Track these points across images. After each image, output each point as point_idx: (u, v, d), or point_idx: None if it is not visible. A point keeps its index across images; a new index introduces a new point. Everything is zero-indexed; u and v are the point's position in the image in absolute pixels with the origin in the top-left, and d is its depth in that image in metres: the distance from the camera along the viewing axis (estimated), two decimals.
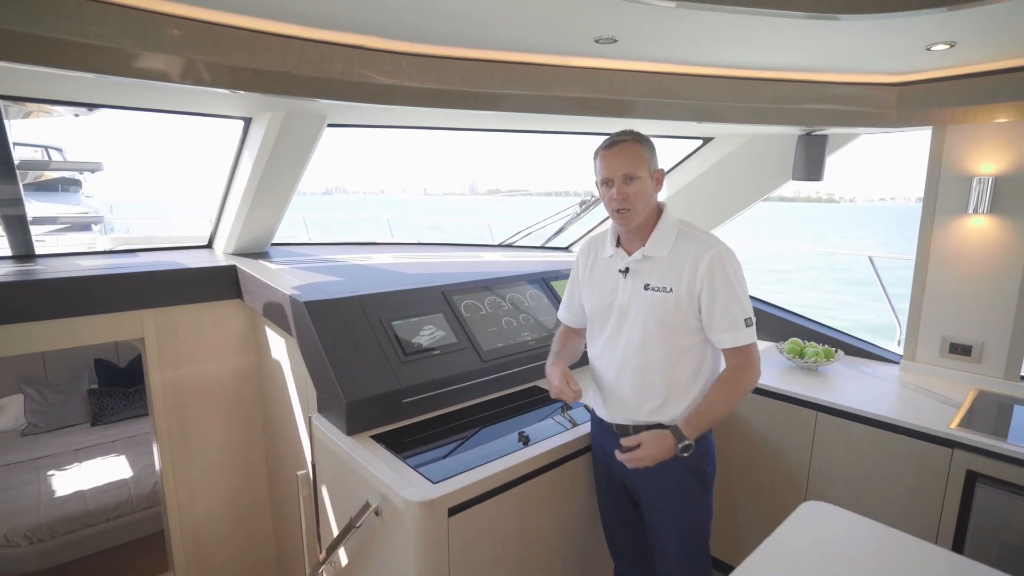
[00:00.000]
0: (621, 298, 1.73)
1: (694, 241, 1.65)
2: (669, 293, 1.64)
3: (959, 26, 1.76)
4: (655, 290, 1.66)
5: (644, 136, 1.66)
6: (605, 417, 1.82)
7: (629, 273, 1.71)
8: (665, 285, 1.65)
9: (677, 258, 1.65)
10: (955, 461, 1.99)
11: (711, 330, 1.64)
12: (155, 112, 2.32)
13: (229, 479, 2.88)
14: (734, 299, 1.60)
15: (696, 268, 1.61)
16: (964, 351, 2.49)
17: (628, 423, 1.74)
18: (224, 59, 1.72)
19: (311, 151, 2.48)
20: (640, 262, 1.70)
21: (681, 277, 1.63)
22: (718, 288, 1.60)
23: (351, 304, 2.14)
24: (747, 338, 1.63)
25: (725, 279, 1.60)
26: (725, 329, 1.62)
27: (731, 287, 1.60)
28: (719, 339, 1.64)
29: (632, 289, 1.71)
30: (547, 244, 3.91)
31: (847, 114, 2.41)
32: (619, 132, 1.68)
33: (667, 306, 1.64)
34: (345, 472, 1.89)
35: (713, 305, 1.61)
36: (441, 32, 1.82)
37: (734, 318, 1.61)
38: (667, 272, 1.65)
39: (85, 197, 11.77)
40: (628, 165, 1.62)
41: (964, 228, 2.43)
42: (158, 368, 2.58)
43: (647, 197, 1.65)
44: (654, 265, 1.68)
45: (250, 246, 2.99)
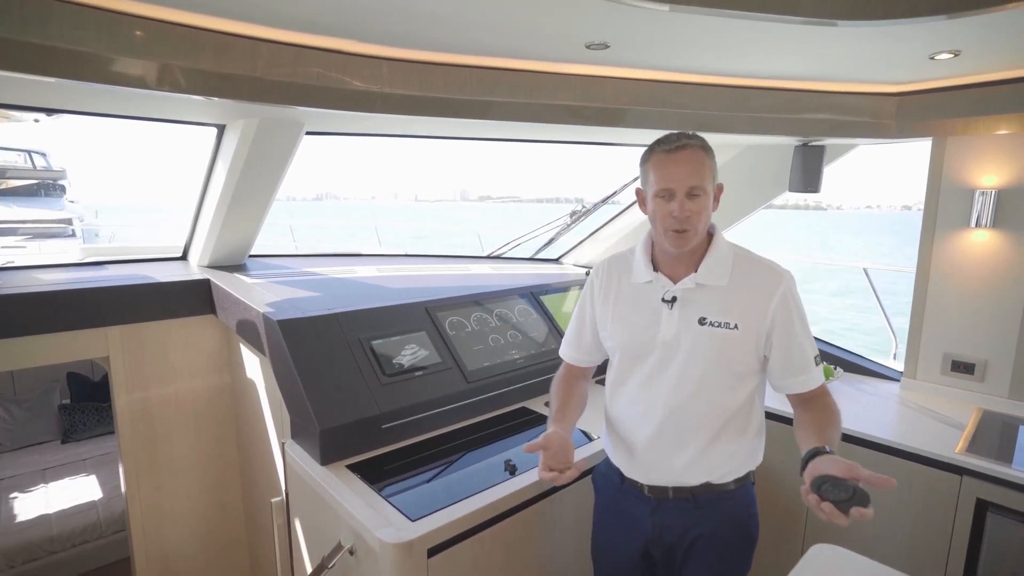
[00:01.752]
0: (665, 333, 1.43)
1: (758, 268, 1.43)
2: (734, 330, 1.38)
3: (964, 35, 1.68)
4: (715, 325, 1.40)
5: (706, 142, 1.42)
6: (637, 477, 1.52)
7: (677, 303, 1.44)
8: (728, 320, 1.39)
9: (740, 288, 1.41)
10: (964, 489, 1.90)
11: (783, 373, 1.41)
12: (120, 119, 2.19)
13: (200, 504, 2.73)
14: (806, 336, 1.42)
15: (768, 301, 1.38)
16: (967, 369, 2.40)
17: (668, 484, 1.47)
18: (191, 63, 1.60)
19: (288, 160, 2.37)
20: (692, 291, 1.43)
21: (748, 311, 1.39)
22: (795, 325, 1.39)
23: (328, 322, 2.02)
24: (820, 377, 1.44)
25: (800, 314, 1.41)
26: (799, 370, 1.41)
27: (802, 322, 1.41)
28: (790, 383, 1.42)
29: (682, 323, 1.42)
30: (537, 255, 3.81)
31: (846, 124, 2.33)
32: (678, 133, 1.41)
33: (731, 345, 1.39)
34: (319, 505, 1.76)
35: (790, 345, 1.39)
36: (424, 37, 1.72)
37: (806, 357, 1.41)
38: (730, 304, 1.40)
39: (69, 203, 11.52)
40: (696, 176, 1.35)
41: (966, 242, 2.35)
42: (124, 389, 2.44)
43: (708, 216, 1.41)
44: (710, 295, 1.42)
45: (226, 258, 2.85)
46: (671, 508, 1.48)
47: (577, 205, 3.44)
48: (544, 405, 2.31)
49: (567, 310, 2.77)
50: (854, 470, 1.16)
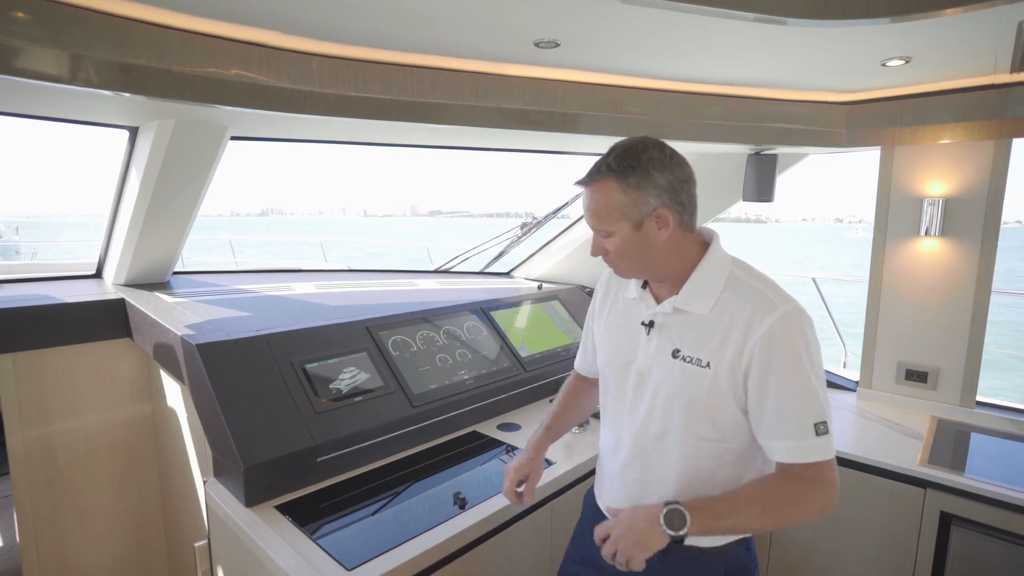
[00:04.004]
0: (642, 361, 1.24)
1: (750, 295, 1.13)
2: (705, 368, 1.14)
3: (915, 41, 1.67)
4: (687, 360, 1.16)
5: (639, 160, 1.12)
6: (605, 510, 1.34)
7: (654, 329, 1.23)
8: (700, 356, 1.15)
9: (723, 317, 1.14)
10: (928, 502, 1.86)
11: (760, 432, 1.13)
12: (13, 117, 1.94)
13: (117, 553, 2.43)
14: (799, 390, 1.07)
15: (747, 336, 1.10)
16: (920, 377, 2.40)
17: None
18: (86, 50, 1.39)
19: (212, 166, 2.15)
20: (670, 316, 1.21)
21: (724, 347, 1.12)
22: (774, 371, 1.08)
23: (256, 345, 1.82)
24: (815, 452, 1.08)
25: (787, 358, 1.07)
26: (783, 434, 1.09)
27: (795, 371, 1.07)
28: (770, 447, 1.12)
29: (656, 352, 1.22)
30: (487, 269, 3.67)
31: (797, 133, 2.31)
32: (599, 160, 1.17)
33: (701, 387, 1.14)
34: (243, 553, 1.54)
35: (764, 396, 1.10)
36: (358, 31, 1.57)
37: (798, 418, 1.08)
38: (707, 337, 1.15)
39: None
40: (596, 217, 1.17)
41: (916, 251, 2.36)
42: (19, 427, 2.14)
43: (642, 251, 1.16)
44: (689, 324, 1.18)
45: (145, 276, 2.58)
46: None
47: (528, 218, 3.33)
48: (496, 428, 2.16)
49: (519, 326, 2.63)
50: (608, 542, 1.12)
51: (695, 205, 1.19)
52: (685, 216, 1.17)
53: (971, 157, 2.19)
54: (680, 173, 1.15)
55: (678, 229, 1.16)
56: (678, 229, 1.16)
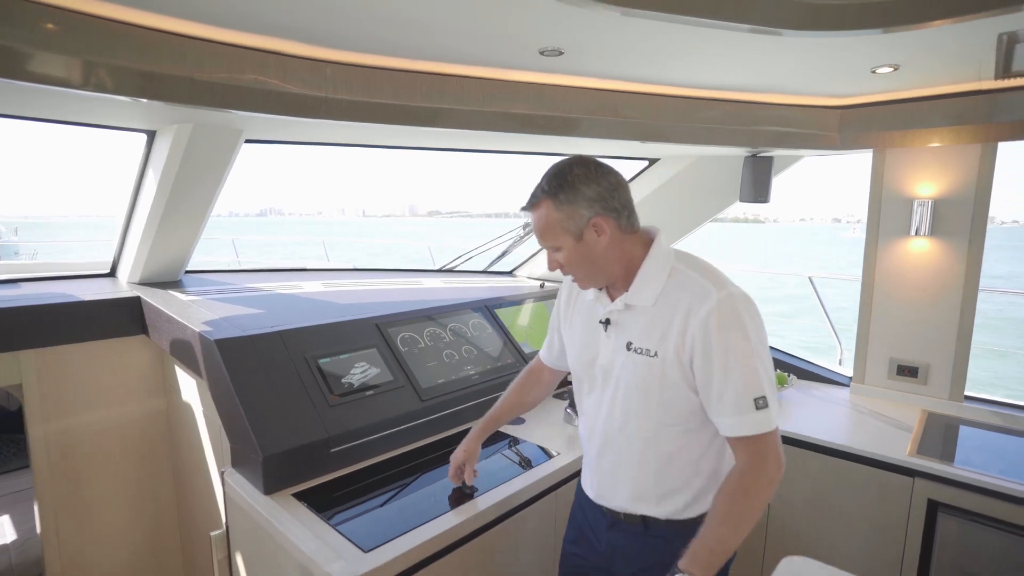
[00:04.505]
0: (603, 357, 1.35)
1: (689, 285, 1.22)
2: (654, 357, 1.24)
3: (903, 49, 1.75)
4: (638, 352, 1.27)
5: (566, 178, 1.23)
6: (590, 494, 1.46)
7: (611, 326, 1.33)
8: (649, 346, 1.25)
9: (666, 308, 1.23)
10: (916, 490, 1.94)
11: (709, 410, 1.23)
12: (37, 121, 2.01)
13: (133, 544, 2.50)
14: (738, 368, 1.17)
15: (688, 322, 1.19)
16: (911, 372, 2.48)
17: (618, 510, 1.39)
18: (111, 59, 1.47)
19: (226, 169, 2.22)
20: (623, 313, 1.30)
21: (668, 336, 1.22)
22: (714, 353, 1.17)
23: (270, 341, 1.89)
24: (756, 426, 1.17)
25: (724, 340, 1.16)
26: (726, 411, 1.19)
27: (733, 352, 1.16)
28: (718, 423, 1.22)
29: (614, 347, 1.32)
30: (490, 268, 3.74)
31: (792, 136, 2.39)
32: (537, 186, 1.29)
33: (652, 375, 1.25)
34: (262, 538, 1.62)
35: (710, 376, 1.19)
36: (371, 39, 1.64)
37: (738, 397, 1.17)
38: (653, 327, 1.25)
39: None
40: (542, 236, 1.29)
41: (907, 250, 2.44)
42: (40, 419, 2.21)
43: (589, 259, 1.27)
44: (638, 317, 1.28)
45: (159, 274, 2.66)
46: (623, 530, 1.40)
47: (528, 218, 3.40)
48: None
49: (522, 323, 2.71)
50: None
51: (631, 209, 1.29)
52: (622, 220, 1.26)
53: (959, 160, 2.27)
54: (607, 183, 1.25)
55: (618, 233, 1.26)
56: (618, 233, 1.26)
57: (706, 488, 1.32)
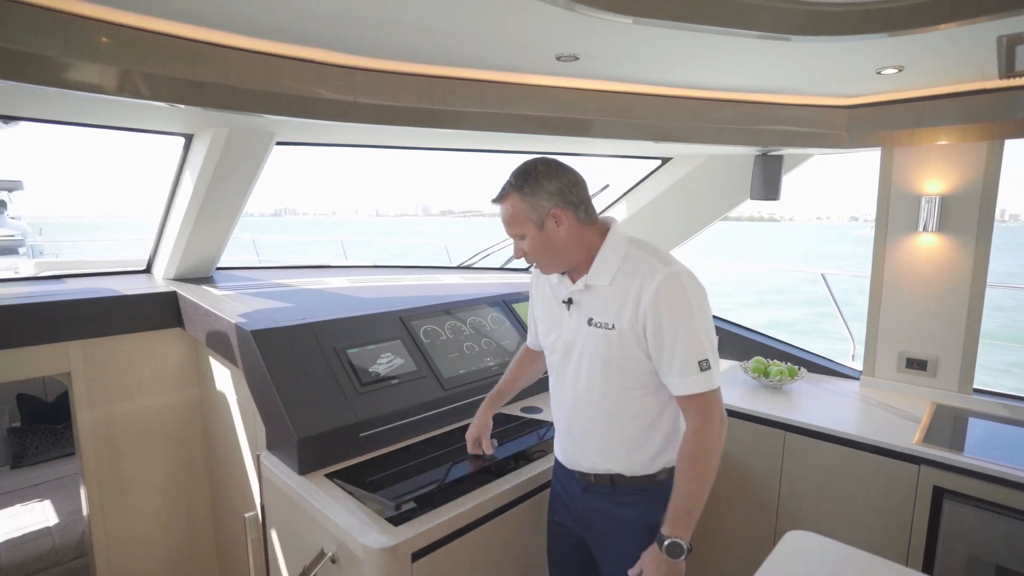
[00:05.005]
0: (567, 334, 1.51)
1: (640, 266, 1.39)
2: (611, 330, 1.40)
3: (907, 51, 1.81)
4: (598, 326, 1.43)
5: (530, 174, 1.41)
6: (563, 460, 1.62)
7: (573, 305, 1.50)
8: (607, 320, 1.41)
9: (620, 287, 1.40)
10: (922, 477, 2.00)
11: (661, 373, 1.39)
12: (86, 127, 2.15)
13: (169, 524, 2.64)
14: (683, 335, 1.33)
15: (640, 298, 1.36)
16: (920, 366, 2.53)
17: (588, 471, 1.54)
18: (160, 70, 1.59)
19: (258, 170, 2.35)
20: (583, 292, 1.47)
21: (623, 310, 1.38)
22: (664, 321, 1.33)
23: (302, 332, 2.01)
24: (700, 385, 1.34)
25: (672, 310, 1.33)
26: (675, 372, 1.35)
27: (679, 321, 1.33)
28: (669, 384, 1.38)
29: (576, 324, 1.49)
30: (506, 265, 3.84)
31: (801, 135, 2.46)
32: (507, 179, 1.46)
33: (611, 345, 1.41)
34: (298, 515, 1.73)
35: (660, 343, 1.35)
36: (397, 47, 1.75)
37: (685, 360, 1.33)
38: (610, 304, 1.42)
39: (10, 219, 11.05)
40: (508, 226, 1.46)
41: (915, 246, 2.49)
42: (87, 405, 2.35)
43: (550, 246, 1.43)
44: (597, 296, 1.45)
45: (193, 271, 2.80)
46: (595, 493, 1.54)
47: None
48: (520, 411, 2.34)
49: None
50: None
51: (587, 203, 1.46)
52: (580, 213, 1.43)
53: (965, 157, 2.32)
54: (566, 179, 1.42)
55: (576, 224, 1.43)
56: (576, 224, 1.43)
57: (665, 444, 1.48)
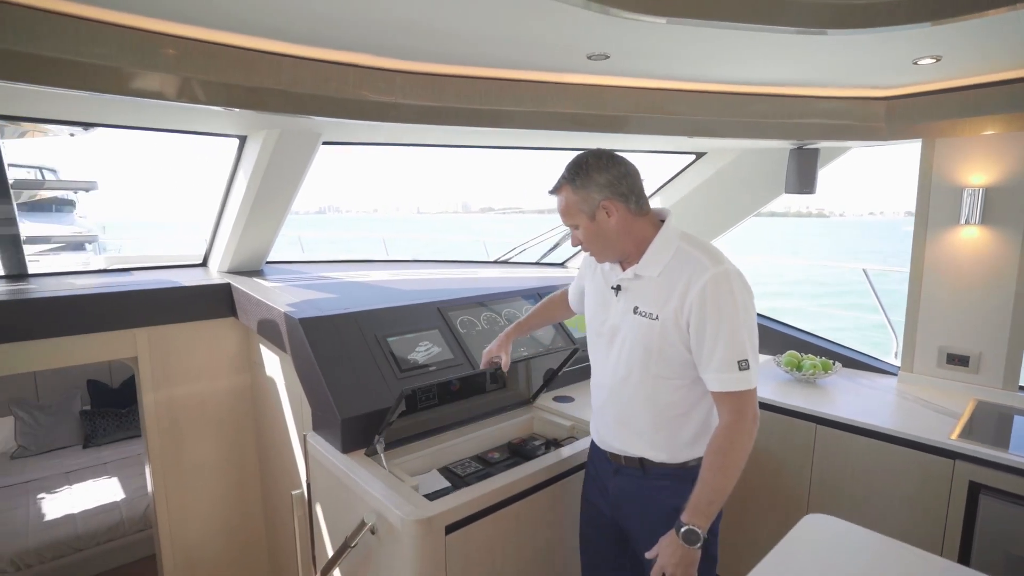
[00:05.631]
0: (613, 318, 1.56)
1: (690, 261, 1.42)
2: (655, 320, 1.44)
3: (944, 40, 1.79)
4: (642, 315, 1.47)
5: (581, 167, 1.45)
6: (595, 439, 1.69)
7: (621, 292, 1.54)
8: (652, 311, 1.45)
9: (668, 280, 1.43)
10: (957, 472, 1.98)
11: (700, 367, 1.42)
12: (151, 131, 2.33)
13: (223, 500, 2.83)
14: (725, 334, 1.35)
15: (687, 293, 1.38)
16: (961, 361, 2.48)
17: (619, 453, 1.59)
18: (219, 77, 1.73)
19: (306, 169, 2.49)
20: (632, 281, 1.51)
21: (668, 303, 1.41)
22: (708, 318, 1.36)
23: (346, 321, 2.13)
24: (736, 383, 1.36)
25: (717, 308, 1.35)
26: (713, 368, 1.38)
27: (723, 318, 1.35)
28: (706, 379, 1.41)
29: (623, 310, 1.53)
30: (542, 260, 3.92)
31: (838, 128, 2.44)
32: (561, 172, 1.50)
33: (652, 335, 1.44)
34: (340, 491, 1.86)
35: (702, 339, 1.38)
36: (435, 50, 1.84)
37: (724, 358, 1.36)
38: (656, 295, 1.45)
39: (79, 217, 11.77)
40: (563, 216, 1.51)
41: (957, 239, 2.44)
42: (151, 387, 2.55)
43: (602, 236, 1.47)
44: (645, 286, 1.48)
45: (245, 264, 2.98)
46: (626, 475, 1.58)
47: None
48: (552, 400, 2.41)
49: None
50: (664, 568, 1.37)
51: (639, 194, 1.48)
52: (631, 204, 1.46)
53: (1011, 147, 2.26)
54: (616, 171, 1.45)
55: (627, 215, 1.46)
56: (627, 215, 1.46)
57: (696, 437, 1.50)
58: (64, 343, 2.34)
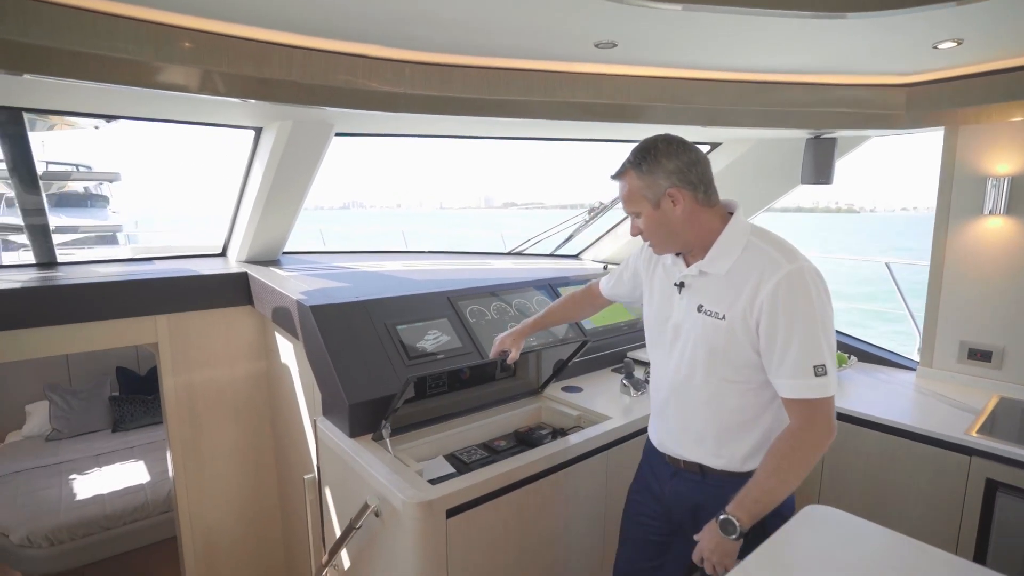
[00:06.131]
0: (676, 316, 1.48)
1: (762, 258, 1.33)
2: (722, 320, 1.35)
3: (966, 23, 1.73)
4: (708, 314, 1.39)
5: (649, 151, 1.38)
6: (653, 441, 1.62)
7: (685, 288, 1.46)
8: (718, 310, 1.37)
9: (738, 277, 1.35)
10: (973, 469, 1.93)
11: (770, 372, 1.33)
12: (171, 123, 2.39)
13: (239, 485, 2.91)
14: (801, 336, 1.26)
15: (757, 292, 1.30)
16: (983, 357, 2.41)
17: (678, 457, 1.53)
18: (233, 69, 1.77)
19: (319, 160, 2.53)
20: (696, 278, 1.43)
21: (738, 301, 1.33)
22: (780, 320, 1.27)
23: (356, 308, 2.16)
24: (812, 390, 1.27)
25: (791, 309, 1.26)
26: (786, 374, 1.28)
27: (798, 320, 1.26)
28: (777, 384, 1.32)
29: (686, 308, 1.45)
30: (556, 252, 3.91)
31: (856, 116, 2.38)
32: (627, 157, 1.43)
33: (718, 335, 1.36)
34: (347, 474, 1.90)
35: (773, 342, 1.29)
36: (442, 40, 1.85)
37: (798, 362, 1.26)
38: (723, 293, 1.36)
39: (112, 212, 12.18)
40: (626, 203, 1.44)
41: (980, 230, 2.37)
42: (171, 372, 2.63)
43: (665, 226, 1.40)
44: (710, 283, 1.40)
45: (262, 254, 3.04)
46: (684, 478, 1.52)
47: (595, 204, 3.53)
48: (561, 390, 2.42)
49: None
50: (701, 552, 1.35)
51: (708, 184, 1.40)
52: (699, 193, 1.38)
53: None
54: (686, 158, 1.37)
55: (694, 204, 1.38)
56: (694, 204, 1.38)
57: (758, 447, 1.41)
58: (88, 328, 2.42)
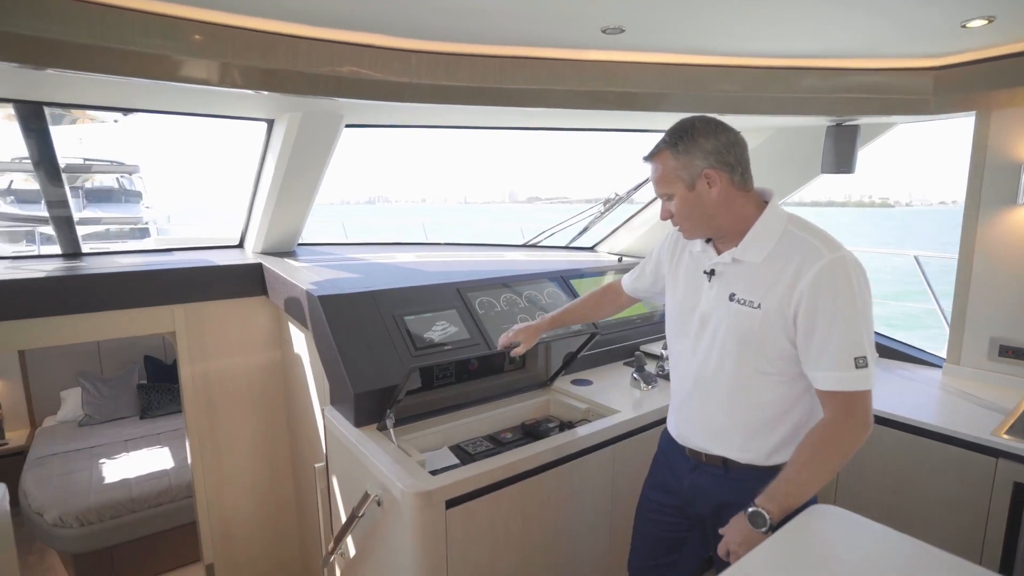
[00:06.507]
0: (704, 305, 1.43)
1: (801, 246, 1.28)
2: (756, 309, 1.31)
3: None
4: (741, 303, 1.34)
5: (687, 131, 1.34)
6: (674, 435, 1.57)
7: (715, 277, 1.41)
8: (752, 299, 1.32)
9: (774, 265, 1.30)
10: (1000, 472, 1.84)
11: (807, 364, 1.29)
12: (185, 115, 2.43)
13: (255, 473, 2.96)
14: (842, 327, 1.22)
15: (797, 281, 1.25)
16: (1016, 354, 2.30)
17: (700, 450, 1.48)
18: (239, 60, 1.78)
19: (331, 150, 2.54)
20: (729, 266, 1.38)
21: (774, 290, 1.28)
22: (820, 310, 1.23)
23: (364, 299, 2.17)
24: (853, 383, 1.23)
25: (832, 299, 1.22)
26: (825, 366, 1.24)
27: (839, 311, 1.22)
28: (815, 377, 1.28)
29: (716, 297, 1.40)
30: (571, 244, 3.87)
31: (881, 102, 2.28)
32: (662, 137, 1.39)
33: (752, 325, 1.32)
34: (353, 463, 1.91)
35: (812, 332, 1.25)
36: (448, 28, 1.83)
37: (839, 353, 1.22)
38: (759, 282, 1.32)
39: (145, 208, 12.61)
40: (658, 184, 1.39)
41: (1013, 220, 2.25)
42: (188, 361, 2.69)
43: (698, 209, 1.35)
44: (744, 271, 1.35)
45: (277, 245, 3.08)
46: (705, 472, 1.48)
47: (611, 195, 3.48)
48: (571, 383, 2.39)
49: None
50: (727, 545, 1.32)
51: (745, 167, 1.35)
52: (736, 176, 1.33)
53: None
54: (725, 139, 1.33)
55: (730, 187, 1.33)
56: (730, 187, 1.33)
57: (786, 440, 1.37)
58: (109, 316, 2.49)
